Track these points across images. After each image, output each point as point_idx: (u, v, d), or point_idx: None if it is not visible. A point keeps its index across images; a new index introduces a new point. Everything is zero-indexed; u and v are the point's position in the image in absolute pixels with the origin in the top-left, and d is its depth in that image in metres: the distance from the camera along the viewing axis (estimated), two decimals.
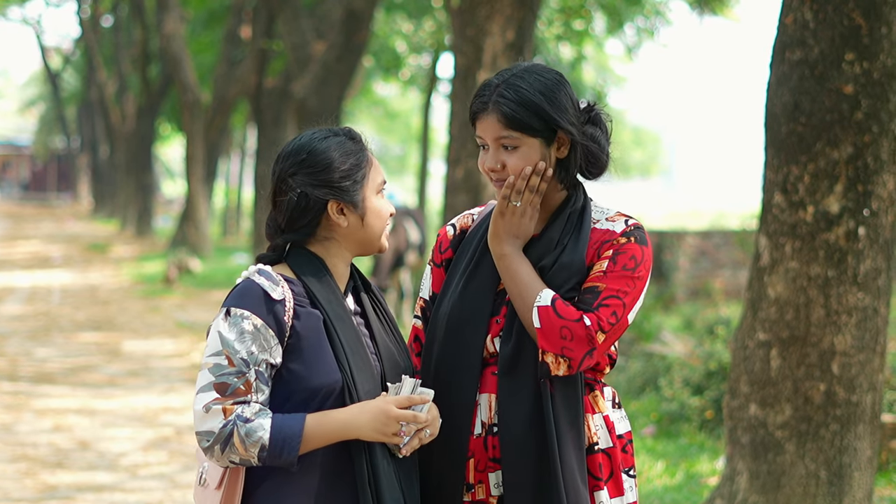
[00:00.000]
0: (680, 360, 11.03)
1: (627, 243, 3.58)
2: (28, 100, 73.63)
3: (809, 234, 6.40)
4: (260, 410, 3.31)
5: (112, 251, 32.29)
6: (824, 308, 6.39)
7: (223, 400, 3.31)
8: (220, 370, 3.33)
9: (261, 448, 3.29)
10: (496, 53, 11.27)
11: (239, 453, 3.30)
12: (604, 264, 3.56)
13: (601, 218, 3.66)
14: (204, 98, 29.76)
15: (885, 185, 6.34)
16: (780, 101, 6.47)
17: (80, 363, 13.99)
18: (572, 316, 3.49)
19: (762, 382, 6.54)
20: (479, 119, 3.61)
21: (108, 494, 8.23)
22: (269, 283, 3.40)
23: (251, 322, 3.35)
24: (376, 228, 3.51)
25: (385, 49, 31.35)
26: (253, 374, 3.33)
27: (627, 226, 3.62)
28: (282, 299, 3.38)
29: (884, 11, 6.25)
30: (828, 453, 6.43)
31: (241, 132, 45.36)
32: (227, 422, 3.28)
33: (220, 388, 3.31)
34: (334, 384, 3.37)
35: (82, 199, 67.46)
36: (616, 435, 3.65)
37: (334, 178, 3.45)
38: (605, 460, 3.62)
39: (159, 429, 10.39)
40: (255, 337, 3.34)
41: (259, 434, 3.28)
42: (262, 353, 3.35)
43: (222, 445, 3.29)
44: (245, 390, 3.32)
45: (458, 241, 3.79)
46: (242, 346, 3.33)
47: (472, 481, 3.61)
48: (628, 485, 3.66)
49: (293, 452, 3.29)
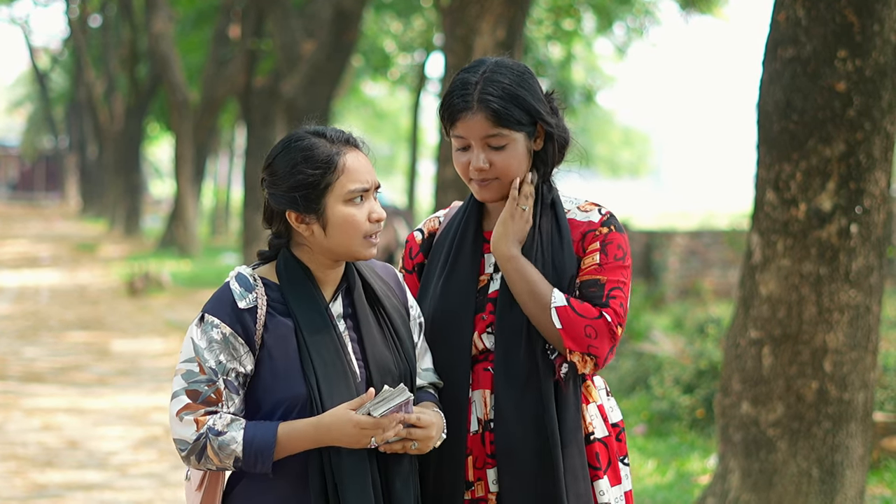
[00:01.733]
0: (670, 359, 11.03)
1: (610, 233, 3.58)
2: (16, 100, 73.54)
3: (801, 231, 6.40)
4: (232, 422, 3.28)
5: (100, 251, 32.23)
6: (816, 306, 6.39)
7: (195, 409, 3.28)
8: (191, 377, 3.30)
9: (235, 459, 3.28)
10: (486, 52, 11.25)
11: (214, 463, 3.29)
12: (596, 257, 3.55)
13: (572, 207, 3.65)
14: (193, 98, 29.71)
15: (878, 183, 6.34)
16: (773, 98, 6.46)
17: (69, 362, 13.95)
18: (592, 313, 3.49)
19: (754, 380, 6.54)
20: (462, 119, 3.55)
21: (97, 493, 8.20)
22: (240, 290, 3.35)
23: (220, 331, 3.31)
24: (343, 239, 3.36)
25: (374, 49, 31.35)
26: (222, 384, 3.30)
27: (602, 214, 3.62)
28: (252, 307, 3.33)
29: (876, 9, 6.24)
30: (820, 451, 6.43)
31: (229, 132, 45.31)
32: (199, 434, 3.27)
33: (191, 395, 3.29)
34: (297, 396, 3.32)
35: (70, 199, 67.35)
36: (610, 423, 3.66)
37: (288, 187, 3.35)
38: (602, 449, 3.62)
39: (149, 428, 10.36)
40: (223, 346, 3.31)
41: (232, 447, 3.26)
42: (230, 363, 3.31)
43: (197, 456, 3.29)
44: (216, 399, 3.29)
45: (428, 245, 3.77)
46: (211, 356, 3.30)
47: (472, 479, 3.60)
48: (624, 473, 3.67)
49: (267, 463, 3.27)
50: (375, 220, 3.37)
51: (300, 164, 3.32)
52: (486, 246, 3.68)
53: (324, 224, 3.34)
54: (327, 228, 3.34)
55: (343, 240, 3.35)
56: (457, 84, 3.57)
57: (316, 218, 3.34)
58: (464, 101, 3.54)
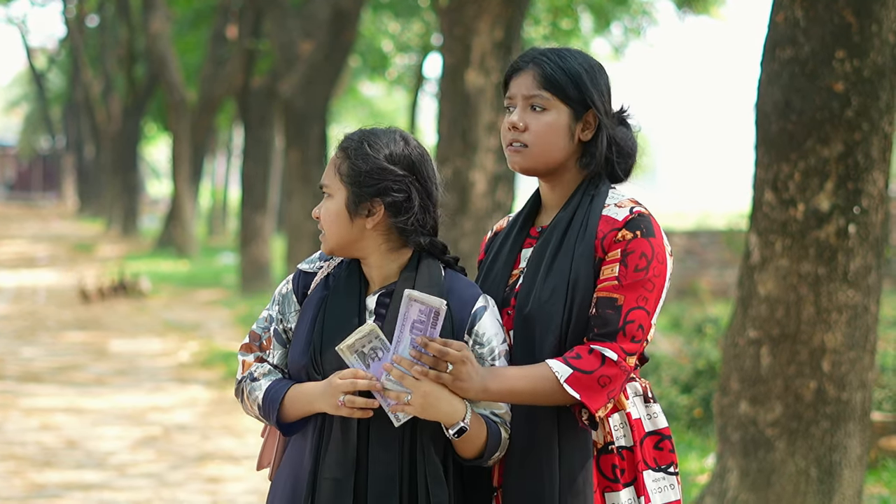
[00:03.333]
0: (668, 359, 11.04)
1: (634, 239, 3.40)
2: (13, 100, 73.55)
3: (800, 231, 6.40)
4: (269, 373, 3.51)
5: (98, 251, 32.22)
6: (815, 306, 6.40)
7: (247, 350, 3.55)
8: (260, 322, 3.57)
9: (258, 407, 3.48)
10: (484, 53, 11.27)
11: (248, 405, 3.52)
12: (615, 268, 3.40)
13: (611, 203, 3.50)
14: (190, 98, 29.70)
15: (876, 183, 6.35)
16: (771, 99, 6.47)
17: (66, 362, 13.95)
18: (595, 364, 3.35)
19: (753, 380, 6.55)
20: (514, 77, 3.53)
21: (96, 493, 8.21)
22: (314, 257, 3.59)
23: (287, 287, 3.57)
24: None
25: (372, 49, 31.35)
26: (271, 333, 3.54)
27: (631, 213, 3.45)
28: (312, 272, 3.55)
29: (874, 9, 6.25)
30: (818, 451, 6.44)
31: (227, 132, 45.31)
32: (243, 377, 3.53)
33: (252, 336, 3.56)
34: (300, 360, 3.45)
35: (67, 199, 67.32)
36: (647, 431, 3.52)
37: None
38: (628, 456, 3.49)
39: (147, 427, 10.37)
40: (282, 300, 3.55)
41: (256, 394, 3.49)
42: (279, 316, 3.54)
43: (240, 396, 3.55)
44: (266, 345, 3.53)
45: (491, 242, 3.72)
46: (275, 307, 3.56)
47: (496, 484, 3.53)
48: (667, 482, 3.52)
49: (272, 418, 3.44)
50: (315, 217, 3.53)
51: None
52: (528, 241, 3.60)
53: None
54: None
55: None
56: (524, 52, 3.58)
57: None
58: (522, 61, 3.54)
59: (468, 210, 11.22)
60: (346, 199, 3.44)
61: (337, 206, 3.44)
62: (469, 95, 11.34)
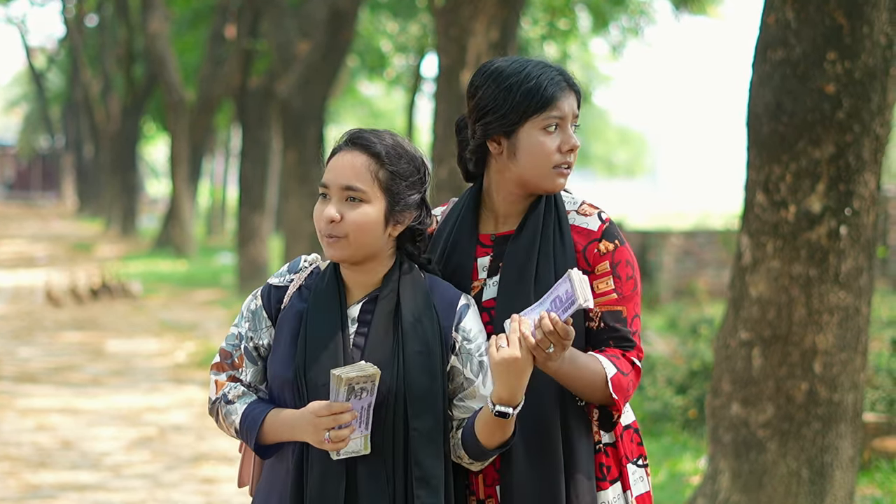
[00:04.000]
0: (663, 360, 11.05)
1: (617, 249, 3.48)
2: (12, 99, 73.54)
3: (791, 233, 6.41)
4: (243, 395, 3.47)
5: (97, 251, 32.22)
6: (806, 307, 6.40)
7: (220, 369, 3.51)
8: (230, 339, 3.53)
9: (234, 430, 3.45)
10: (480, 53, 11.28)
11: (223, 427, 3.50)
12: (610, 282, 3.47)
13: (572, 210, 3.55)
14: (188, 97, 29.70)
15: (867, 185, 6.35)
16: (763, 100, 6.48)
17: (63, 363, 13.96)
18: (628, 368, 3.45)
19: (744, 381, 6.55)
20: (561, 98, 3.49)
21: (90, 494, 8.21)
22: (283, 270, 3.55)
23: (255, 303, 3.52)
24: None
25: (370, 49, 31.36)
26: (242, 351, 3.49)
27: (602, 221, 3.51)
28: (283, 286, 3.50)
29: (865, 11, 6.26)
30: (809, 452, 6.44)
31: (225, 132, 45.31)
32: (216, 398, 3.49)
33: (223, 354, 3.51)
34: (281, 376, 3.41)
35: (67, 198, 67.34)
36: (623, 425, 3.56)
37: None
38: (612, 453, 3.54)
39: (143, 428, 10.38)
40: (252, 317, 3.50)
41: (232, 418, 3.45)
42: (251, 333, 3.49)
43: (215, 417, 3.52)
44: (238, 363, 3.49)
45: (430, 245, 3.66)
46: (245, 323, 3.51)
47: (482, 496, 3.51)
48: (638, 475, 3.56)
49: (250, 442, 3.41)
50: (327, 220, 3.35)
51: None
52: (480, 249, 3.56)
53: None
54: None
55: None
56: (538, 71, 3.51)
57: None
58: (563, 79, 3.53)
59: None
60: (385, 208, 3.37)
61: (376, 213, 3.36)
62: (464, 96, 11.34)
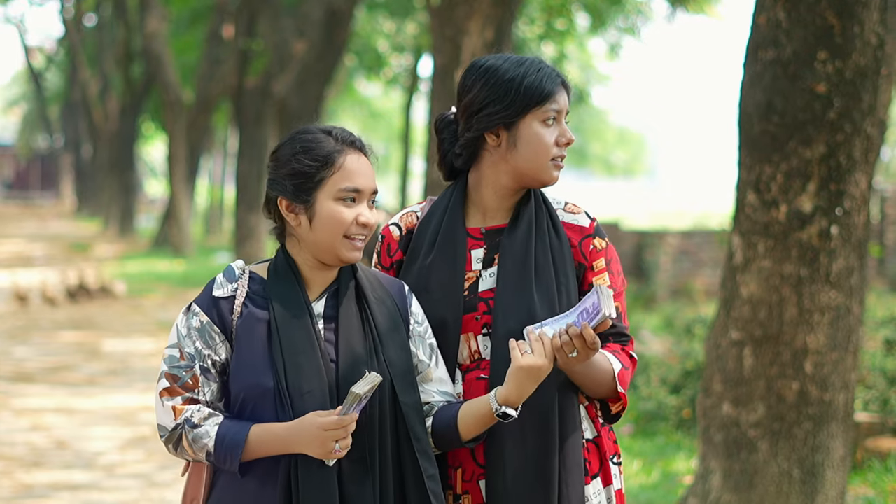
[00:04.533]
0: (657, 359, 11.05)
1: (607, 246, 3.60)
2: (11, 99, 73.54)
3: (782, 233, 6.41)
4: (209, 416, 3.36)
5: (95, 250, 32.21)
6: (797, 307, 6.41)
7: (174, 394, 3.38)
8: (172, 361, 3.40)
9: (207, 454, 3.35)
10: (475, 53, 11.28)
11: (189, 454, 3.38)
12: (606, 278, 3.57)
13: (558, 208, 3.62)
14: (186, 97, 29.72)
15: (858, 185, 6.36)
16: (754, 100, 6.48)
17: (59, 362, 13.96)
18: (628, 362, 3.56)
19: (735, 381, 6.56)
20: (557, 92, 3.56)
21: (84, 493, 8.22)
22: (221, 280, 3.47)
23: (199, 319, 3.42)
24: (326, 235, 3.40)
25: (367, 48, 31.37)
26: (198, 370, 3.39)
27: (591, 219, 3.62)
28: (229, 297, 3.43)
29: (856, 11, 6.26)
30: (801, 452, 6.45)
31: (223, 131, 45.32)
32: (177, 424, 3.36)
33: (171, 379, 3.38)
34: (257, 386, 3.35)
35: (65, 198, 67.35)
36: (600, 423, 3.60)
37: (284, 174, 3.42)
38: (593, 449, 3.57)
39: (137, 428, 10.38)
40: (200, 333, 3.41)
41: (204, 441, 3.34)
42: (205, 350, 3.40)
43: (174, 445, 3.38)
44: (192, 384, 3.38)
45: (407, 242, 3.66)
46: (190, 343, 3.40)
47: (459, 492, 3.52)
48: (614, 471, 3.61)
49: (235, 462, 3.33)
50: (361, 224, 3.40)
51: (299, 153, 3.41)
52: (472, 241, 3.59)
53: (310, 216, 3.41)
54: (313, 221, 3.40)
55: (326, 236, 3.40)
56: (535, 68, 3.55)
57: (304, 209, 3.41)
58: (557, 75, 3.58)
59: None
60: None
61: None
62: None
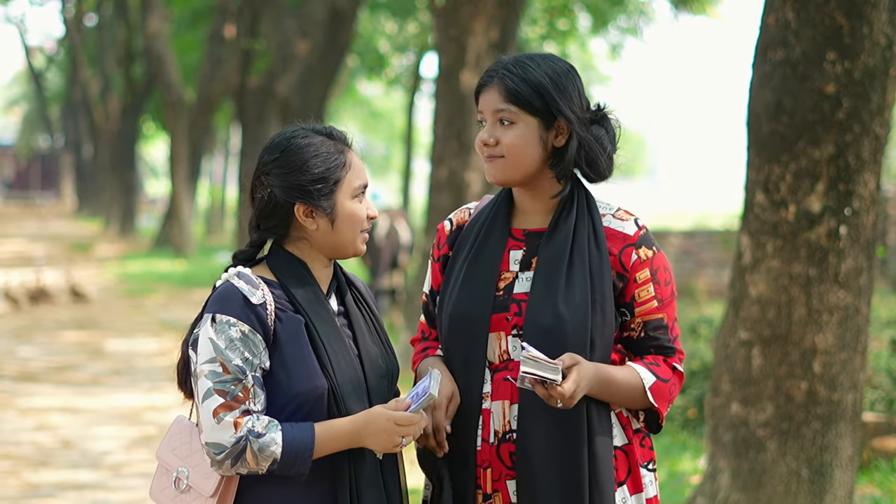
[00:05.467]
0: None
1: (655, 256, 3.56)
2: (11, 99, 73.51)
3: (791, 233, 6.42)
4: (269, 423, 3.29)
5: (96, 250, 32.21)
6: (806, 307, 6.41)
7: (229, 409, 3.29)
8: (216, 377, 3.30)
9: (272, 462, 3.28)
10: (479, 53, 11.30)
11: (250, 466, 3.29)
12: (650, 289, 3.54)
13: (607, 213, 3.60)
14: (188, 97, 29.71)
15: (867, 185, 6.36)
16: (762, 100, 6.48)
17: (63, 362, 13.96)
18: (669, 374, 3.54)
19: (744, 381, 6.56)
20: (483, 92, 3.56)
21: (90, 493, 8.22)
22: (248, 287, 3.37)
23: (238, 329, 3.33)
24: (348, 233, 3.45)
25: (369, 49, 31.37)
26: (251, 380, 3.31)
27: (639, 227, 3.57)
28: (262, 302, 3.36)
29: (865, 11, 6.26)
30: (809, 452, 6.45)
31: (224, 131, 45.33)
32: (238, 437, 3.27)
33: (221, 394, 3.29)
34: (315, 389, 3.34)
35: (66, 198, 67.32)
36: (633, 430, 3.58)
37: (305, 181, 3.40)
38: (621, 457, 3.54)
39: (142, 427, 10.38)
40: (245, 343, 3.32)
41: (272, 449, 3.27)
42: (255, 359, 3.33)
43: (234, 460, 3.28)
44: (244, 397, 3.30)
45: (455, 237, 3.69)
46: (235, 354, 3.31)
47: (489, 491, 3.52)
48: (648, 479, 3.59)
49: (306, 465, 3.29)
50: (371, 217, 3.49)
51: (313, 158, 3.42)
52: (512, 242, 3.59)
53: (332, 218, 3.43)
54: (335, 222, 3.43)
55: (348, 234, 3.45)
56: (492, 64, 3.61)
57: (325, 212, 3.42)
58: (487, 76, 3.57)
59: None
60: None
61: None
62: (464, 96, 11.37)
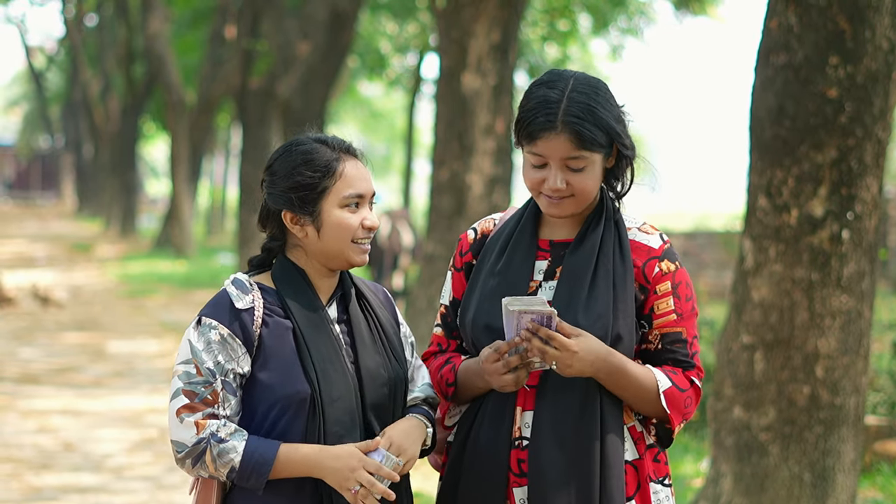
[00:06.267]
0: None
1: (678, 270, 3.56)
2: (12, 99, 73.51)
3: (793, 237, 6.42)
4: (236, 431, 3.33)
5: (96, 251, 32.21)
6: (808, 311, 6.42)
7: (194, 410, 3.33)
8: (188, 378, 3.35)
9: (230, 469, 3.32)
10: (481, 55, 11.29)
11: (209, 470, 3.33)
12: (670, 302, 3.53)
13: (633, 227, 3.59)
14: (188, 98, 29.71)
15: (869, 189, 6.37)
16: (765, 104, 6.49)
17: (64, 364, 13.96)
18: (686, 384, 3.51)
19: (746, 385, 6.56)
20: (544, 138, 3.44)
21: (92, 496, 8.22)
22: (237, 293, 3.43)
23: (218, 332, 3.38)
24: (335, 242, 3.44)
25: (370, 49, 31.37)
26: (220, 384, 3.35)
27: (664, 241, 3.58)
28: (249, 308, 3.40)
29: (867, 15, 6.27)
30: (812, 456, 6.46)
31: (225, 132, 45.31)
32: (200, 438, 3.32)
33: (189, 395, 3.33)
34: (297, 394, 3.36)
35: (66, 198, 67.32)
36: (645, 445, 3.57)
37: (289, 187, 3.44)
38: (630, 471, 3.53)
39: (144, 430, 10.38)
40: (221, 347, 3.37)
41: (231, 456, 3.31)
42: (228, 363, 3.36)
43: (193, 460, 3.33)
44: (212, 400, 3.34)
45: (479, 246, 3.68)
46: (209, 357, 3.36)
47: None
48: (663, 494, 3.57)
49: (262, 479, 3.33)
50: (367, 228, 3.48)
51: (300, 166, 3.44)
52: (539, 253, 3.59)
53: (318, 226, 3.44)
54: (321, 230, 3.44)
55: (334, 243, 3.45)
56: (538, 101, 3.46)
57: (311, 220, 3.44)
58: (548, 120, 3.43)
59: (465, 213, 11.25)
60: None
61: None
62: (466, 98, 11.37)
